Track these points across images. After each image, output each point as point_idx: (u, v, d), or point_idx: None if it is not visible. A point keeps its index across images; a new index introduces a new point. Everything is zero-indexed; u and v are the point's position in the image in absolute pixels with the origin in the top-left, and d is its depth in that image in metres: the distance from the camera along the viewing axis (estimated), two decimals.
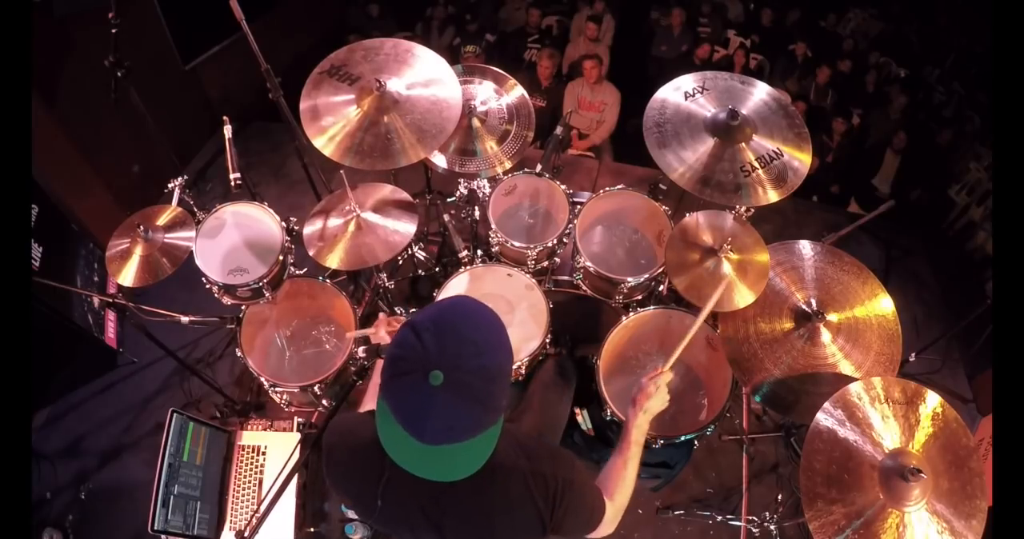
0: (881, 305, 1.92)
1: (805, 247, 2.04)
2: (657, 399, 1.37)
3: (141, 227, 2.05)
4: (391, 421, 0.89)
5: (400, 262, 2.83)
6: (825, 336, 1.87)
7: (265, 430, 2.45)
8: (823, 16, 6.22)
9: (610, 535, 1.28)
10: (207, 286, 2.17)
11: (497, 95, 2.41)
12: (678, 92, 2.11)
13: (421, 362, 0.85)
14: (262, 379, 2.14)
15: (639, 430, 1.34)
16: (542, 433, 1.91)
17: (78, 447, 2.66)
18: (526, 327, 2.16)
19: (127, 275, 2.04)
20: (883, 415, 1.55)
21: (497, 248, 2.36)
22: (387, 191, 2.17)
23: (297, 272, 2.26)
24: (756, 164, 1.97)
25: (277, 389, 2.17)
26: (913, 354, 2.76)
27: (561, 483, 1.10)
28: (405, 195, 2.17)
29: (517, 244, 2.25)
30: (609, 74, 4.78)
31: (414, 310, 2.29)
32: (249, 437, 2.44)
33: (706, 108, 2.06)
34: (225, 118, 2.32)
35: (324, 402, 2.25)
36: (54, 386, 2.76)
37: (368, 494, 1.07)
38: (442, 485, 0.97)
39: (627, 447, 1.32)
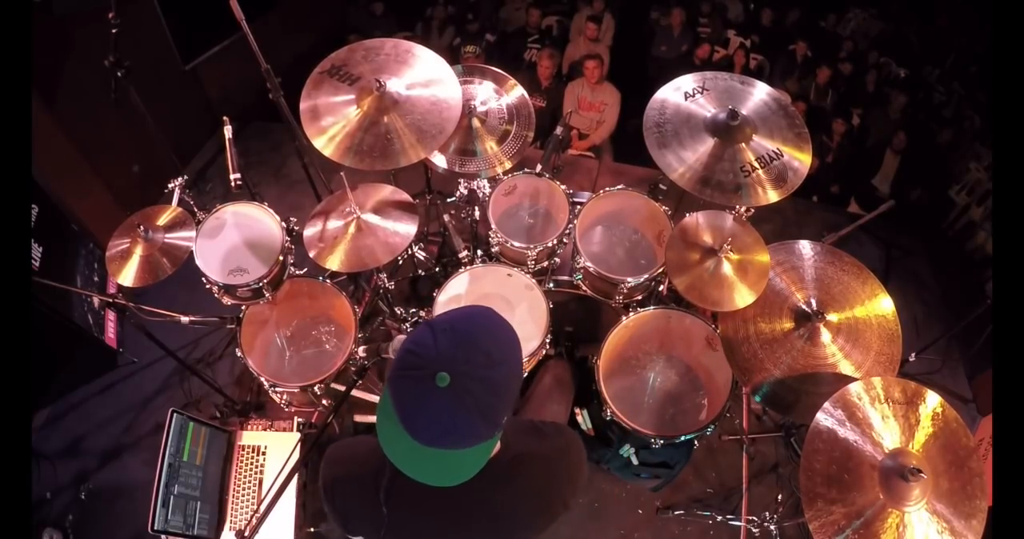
0: (881, 305, 1.92)
1: (805, 247, 2.04)
2: None
3: (141, 227, 2.05)
4: (391, 417, 0.89)
5: (400, 262, 2.82)
6: (825, 336, 1.87)
7: (265, 430, 2.45)
8: (823, 16, 6.22)
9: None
10: (207, 286, 2.17)
11: (497, 95, 2.41)
12: (678, 92, 2.11)
13: (431, 362, 0.86)
14: (262, 379, 2.14)
15: None
16: None
17: (78, 447, 2.66)
18: (526, 327, 2.15)
19: (127, 275, 2.04)
20: (883, 415, 1.55)
21: (497, 248, 2.35)
22: (387, 192, 2.17)
23: (297, 272, 2.26)
24: (756, 164, 1.97)
25: (277, 389, 2.17)
26: (913, 354, 2.76)
27: (575, 456, 1.16)
28: (405, 196, 2.17)
29: (517, 244, 2.25)
30: (609, 74, 4.78)
31: (414, 310, 2.29)
32: (249, 437, 2.44)
33: (706, 108, 2.06)
34: (225, 118, 2.32)
35: (324, 402, 2.25)
36: (54, 386, 2.76)
37: (372, 505, 1.04)
38: (450, 490, 0.95)
39: None
